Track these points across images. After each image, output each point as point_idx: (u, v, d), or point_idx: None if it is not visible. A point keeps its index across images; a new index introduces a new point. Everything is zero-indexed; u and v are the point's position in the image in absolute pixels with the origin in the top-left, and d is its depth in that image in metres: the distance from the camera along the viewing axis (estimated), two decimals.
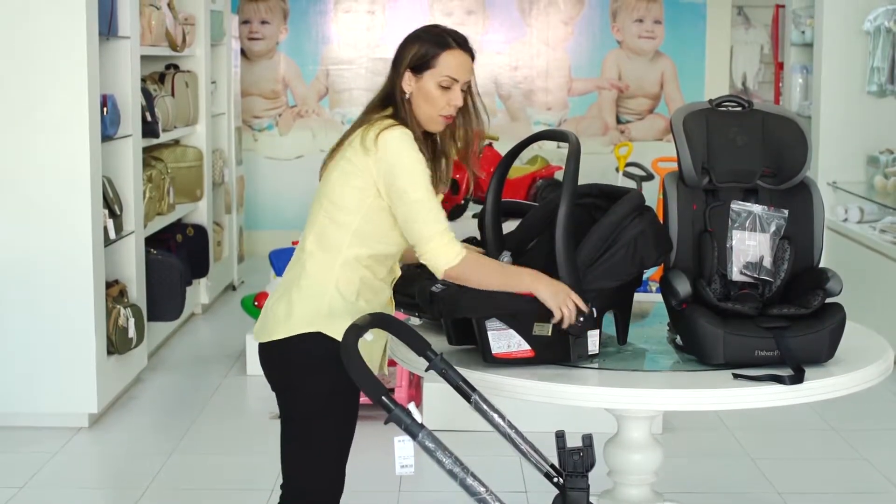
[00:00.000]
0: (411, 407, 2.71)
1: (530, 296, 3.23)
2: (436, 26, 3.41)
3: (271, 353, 3.31)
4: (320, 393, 3.24)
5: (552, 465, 3.01)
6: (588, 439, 2.98)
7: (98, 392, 5.76)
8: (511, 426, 3.06)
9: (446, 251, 3.18)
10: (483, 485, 2.68)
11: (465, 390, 3.06)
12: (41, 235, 5.65)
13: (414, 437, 2.68)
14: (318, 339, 3.22)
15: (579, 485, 2.97)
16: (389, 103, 3.34)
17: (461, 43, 3.34)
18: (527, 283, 3.21)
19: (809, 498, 5.01)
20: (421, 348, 3.11)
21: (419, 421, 2.71)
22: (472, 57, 3.36)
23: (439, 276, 3.21)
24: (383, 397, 2.70)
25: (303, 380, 3.25)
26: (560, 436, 3.01)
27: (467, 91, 3.37)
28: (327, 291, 3.25)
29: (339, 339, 2.98)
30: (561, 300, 3.19)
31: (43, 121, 5.61)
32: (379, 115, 3.32)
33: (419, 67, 3.30)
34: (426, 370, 3.11)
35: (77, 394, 5.74)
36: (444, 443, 2.73)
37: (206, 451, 5.59)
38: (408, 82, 3.31)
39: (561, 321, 3.22)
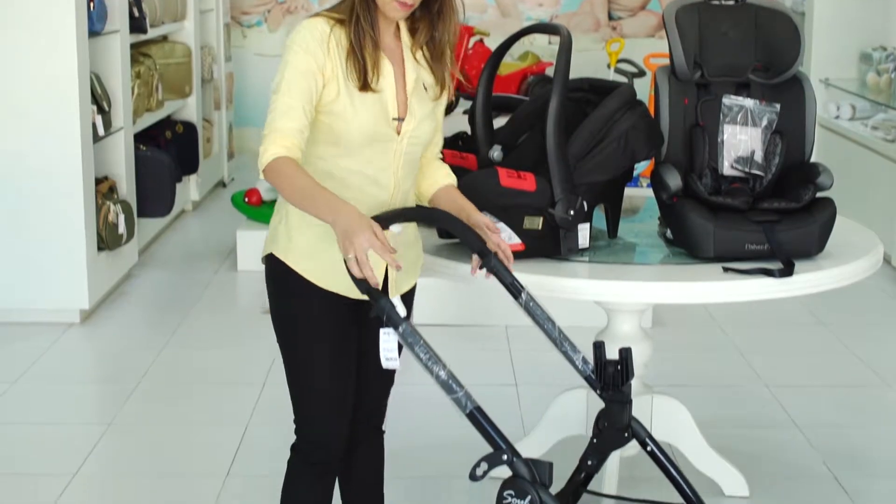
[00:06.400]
0: (396, 300, 2.69)
1: (521, 189, 3.23)
2: None
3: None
4: (282, 315, 2.96)
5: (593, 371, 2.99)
6: (625, 352, 2.97)
7: (89, 288, 5.77)
8: (556, 327, 2.94)
9: (264, 150, 2.75)
10: (460, 385, 2.61)
11: (516, 289, 2.94)
12: (29, 132, 5.61)
13: (395, 327, 2.65)
14: (271, 260, 2.94)
15: (618, 398, 2.99)
16: None
17: None
18: (323, 210, 2.66)
19: (798, 391, 5.05)
20: (476, 245, 2.95)
21: (403, 314, 2.66)
22: None
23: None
24: (370, 288, 2.67)
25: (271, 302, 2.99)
26: (598, 346, 2.99)
27: None
28: (283, 205, 2.92)
29: (288, 262, 2.85)
30: (354, 244, 2.58)
31: (29, 17, 5.54)
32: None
33: None
34: (480, 268, 2.96)
35: (68, 290, 5.75)
36: (427, 338, 2.68)
37: (198, 345, 5.62)
38: None
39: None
